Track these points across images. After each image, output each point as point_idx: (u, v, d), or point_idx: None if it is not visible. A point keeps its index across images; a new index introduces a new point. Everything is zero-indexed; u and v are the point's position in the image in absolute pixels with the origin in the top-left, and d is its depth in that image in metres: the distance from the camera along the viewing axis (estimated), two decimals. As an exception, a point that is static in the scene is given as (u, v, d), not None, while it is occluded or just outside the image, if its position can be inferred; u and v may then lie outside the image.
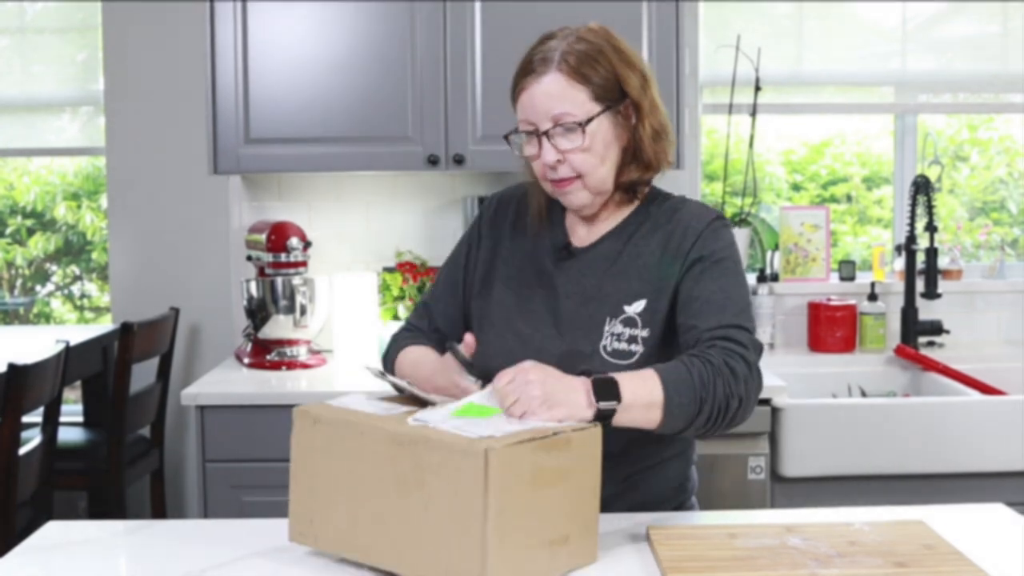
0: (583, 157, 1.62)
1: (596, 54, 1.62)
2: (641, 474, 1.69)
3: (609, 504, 1.52)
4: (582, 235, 1.73)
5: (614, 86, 1.62)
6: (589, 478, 1.37)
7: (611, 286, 1.66)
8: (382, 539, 1.35)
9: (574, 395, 1.42)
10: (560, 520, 1.33)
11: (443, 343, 1.75)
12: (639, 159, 1.67)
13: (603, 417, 1.42)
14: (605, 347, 1.62)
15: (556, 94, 1.60)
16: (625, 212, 1.72)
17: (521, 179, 1.79)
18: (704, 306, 1.58)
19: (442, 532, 1.28)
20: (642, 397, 1.45)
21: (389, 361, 1.80)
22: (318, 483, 1.42)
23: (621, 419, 1.44)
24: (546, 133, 1.61)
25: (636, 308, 1.64)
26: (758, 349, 1.57)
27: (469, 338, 1.61)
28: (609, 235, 1.71)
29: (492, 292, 1.75)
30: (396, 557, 1.34)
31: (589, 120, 1.60)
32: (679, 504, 1.75)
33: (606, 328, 1.63)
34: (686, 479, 1.77)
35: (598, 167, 1.63)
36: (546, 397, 1.40)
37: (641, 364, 1.60)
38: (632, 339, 1.63)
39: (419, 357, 1.74)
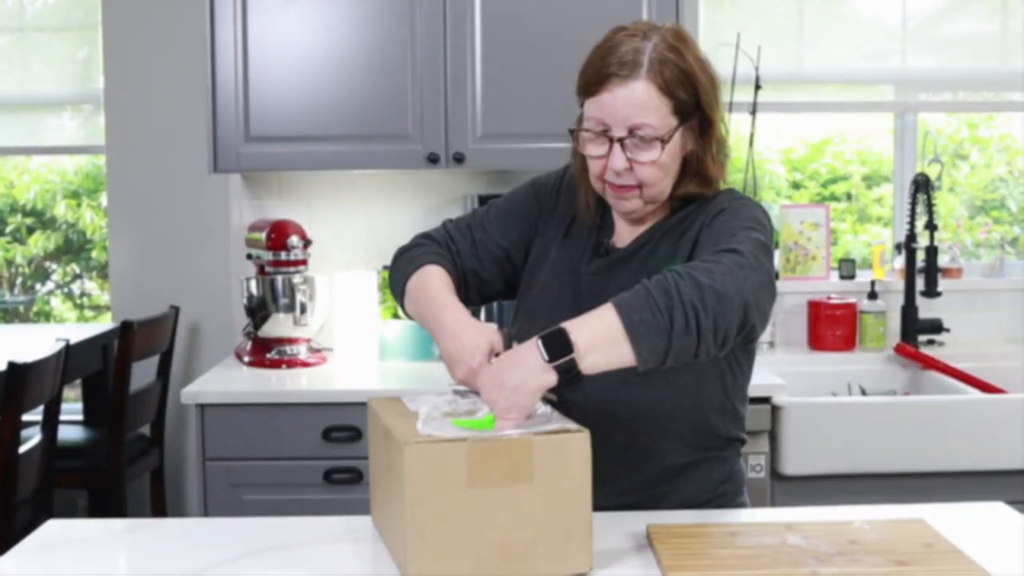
0: (651, 170, 1.54)
1: (687, 68, 1.53)
2: (670, 481, 1.63)
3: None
4: (624, 234, 1.67)
5: (694, 101, 1.55)
6: (571, 483, 1.32)
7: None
8: (385, 522, 1.46)
9: (524, 369, 1.35)
10: (524, 525, 1.31)
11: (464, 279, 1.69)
12: (700, 174, 1.60)
13: (567, 372, 1.34)
14: None
15: (641, 104, 1.51)
16: (668, 213, 1.66)
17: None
18: (702, 248, 1.52)
19: (395, 519, 1.36)
20: (599, 334, 1.33)
21: (403, 276, 1.67)
22: (373, 469, 1.53)
23: (590, 366, 1.34)
24: (621, 141, 1.53)
25: None
26: (758, 251, 1.45)
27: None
28: (646, 235, 1.65)
29: (538, 279, 1.70)
30: (389, 541, 1.45)
31: (671, 136, 1.54)
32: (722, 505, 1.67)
33: None
34: (725, 480, 1.67)
35: (662, 180, 1.57)
36: (501, 386, 1.35)
37: (686, 372, 1.54)
38: None
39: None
